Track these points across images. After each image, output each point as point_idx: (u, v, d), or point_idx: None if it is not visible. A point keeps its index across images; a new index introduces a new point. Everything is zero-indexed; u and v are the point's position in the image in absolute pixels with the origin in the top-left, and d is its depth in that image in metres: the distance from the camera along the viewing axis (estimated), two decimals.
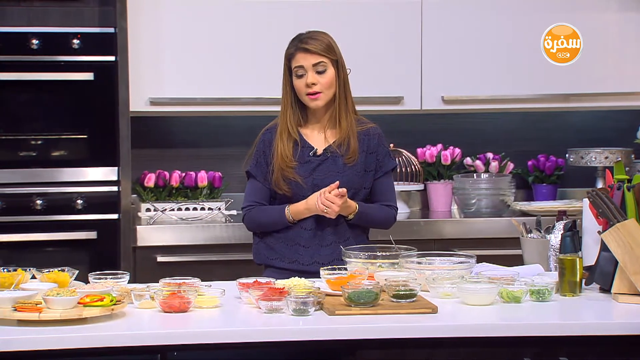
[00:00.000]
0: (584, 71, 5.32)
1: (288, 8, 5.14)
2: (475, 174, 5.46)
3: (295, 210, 3.79)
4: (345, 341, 3.01)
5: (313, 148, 3.84)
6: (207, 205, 5.17)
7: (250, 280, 3.38)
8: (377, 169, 3.89)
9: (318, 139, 3.86)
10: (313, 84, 3.76)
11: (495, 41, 5.30)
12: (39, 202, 4.87)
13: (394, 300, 3.21)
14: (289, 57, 3.81)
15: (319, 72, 3.76)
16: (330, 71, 3.78)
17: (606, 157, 5.33)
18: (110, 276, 3.44)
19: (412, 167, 5.35)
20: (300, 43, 3.79)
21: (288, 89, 3.83)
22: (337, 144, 3.83)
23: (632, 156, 5.36)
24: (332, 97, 3.81)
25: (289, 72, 3.81)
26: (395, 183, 5.27)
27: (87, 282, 3.42)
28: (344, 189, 3.69)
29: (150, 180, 5.27)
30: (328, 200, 3.68)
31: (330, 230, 3.81)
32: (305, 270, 3.71)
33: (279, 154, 3.79)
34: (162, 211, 5.09)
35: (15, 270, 3.40)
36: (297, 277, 3.43)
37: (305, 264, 3.77)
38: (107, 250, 4.90)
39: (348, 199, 3.74)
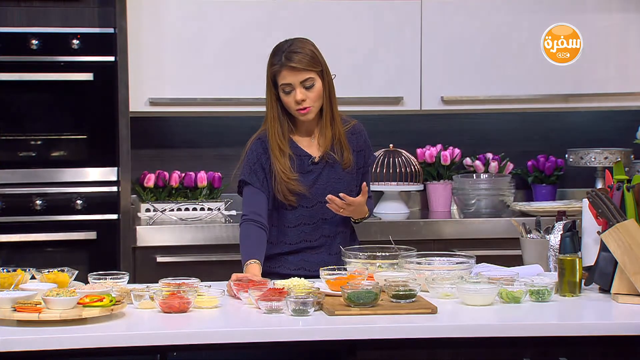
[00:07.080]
0: (584, 71, 5.33)
1: (288, 8, 5.14)
2: (474, 174, 5.46)
3: (247, 271, 3.59)
4: (345, 341, 3.01)
5: (311, 156, 3.81)
6: (206, 205, 5.17)
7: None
8: (363, 165, 3.90)
9: (311, 145, 3.83)
10: (303, 100, 3.71)
11: (495, 41, 5.29)
12: (38, 202, 4.87)
13: (394, 300, 3.21)
14: (273, 73, 3.72)
15: (306, 88, 3.70)
16: (318, 84, 3.72)
17: (606, 158, 5.32)
18: (110, 276, 3.44)
19: (412, 167, 5.35)
20: (285, 60, 3.68)
21: (274, 103, 3.76)
22: (330, 148, 3.81)
23: (632, 156, 5.35)
24: (321, 107, 3.79)
25: (274, 85, 3.74)
26: (395, 183, 5.34)
27: (86, 282, 3.42)
28: (348, 197, 3.69)
29: (150, 180, 5.26)
30: (339, 206, 3.68)
31: (340, 237, 3.83)
32: (310, 275, 3.67)
33: (278, 169, 3.73)
34: (161, 211, 5.09)
35: (15, 270, 3.40)
36: (297, 278, 3.43)
37: (312, 271, 3.73)
38: (106, 250, 4.89)
39: (365, 204, 3.77)
